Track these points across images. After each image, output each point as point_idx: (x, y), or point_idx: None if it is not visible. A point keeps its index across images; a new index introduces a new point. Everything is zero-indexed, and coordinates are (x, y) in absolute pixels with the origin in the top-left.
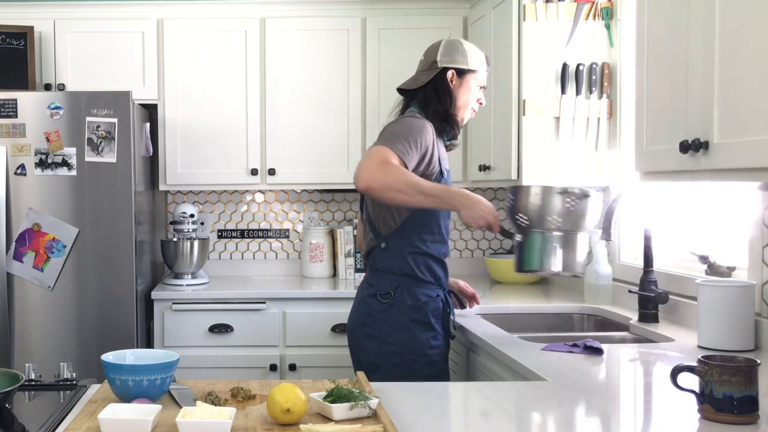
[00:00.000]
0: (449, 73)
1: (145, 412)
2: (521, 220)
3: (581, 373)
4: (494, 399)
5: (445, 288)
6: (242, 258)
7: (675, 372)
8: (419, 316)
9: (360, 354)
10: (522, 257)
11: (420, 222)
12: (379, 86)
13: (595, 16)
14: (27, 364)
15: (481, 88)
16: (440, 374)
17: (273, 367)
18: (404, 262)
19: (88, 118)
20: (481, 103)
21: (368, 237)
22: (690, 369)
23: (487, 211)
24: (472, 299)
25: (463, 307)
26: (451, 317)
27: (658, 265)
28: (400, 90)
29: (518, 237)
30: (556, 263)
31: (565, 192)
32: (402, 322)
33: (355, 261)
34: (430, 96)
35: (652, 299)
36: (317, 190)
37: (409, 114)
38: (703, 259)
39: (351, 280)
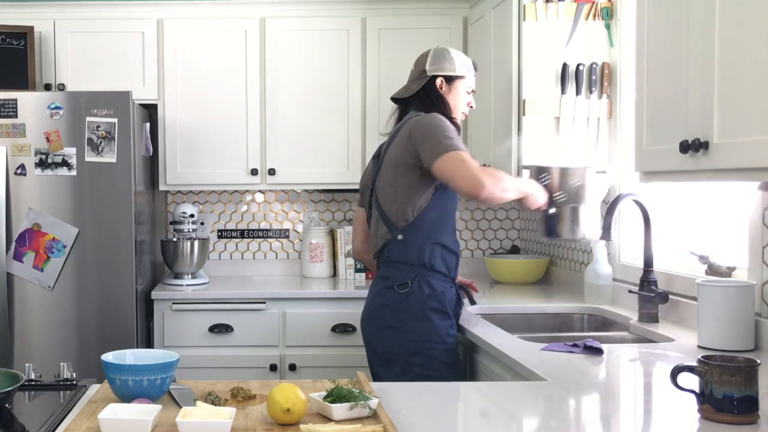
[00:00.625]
0: (438, 81)
1: (145, 412)
2: (559, 196)
3: (581, 373)
4: (494, 399)
5: (455, 281)
6: (242, 258)
7: (675, 372)
8: (437, 305)
9: (377, 345)
10: (554, 226)
11: (436, 214)
12: (379, 86)
13: (595, 16)
14: (27, 364)
15: (471, 92)
16: (456, 363)
17: (273, 367)
18: (421, 252)
19: (88, 118)
20: (471, 107)
21: (381, 231)
22: (690, 369)
23: (543, 194)
24: (470, 287)
25: (472, 302)
26: (462, 310)
27: (658, 265)
28: (394, 99)
29: (552, 210)
30: (584, 231)
31: (595, 173)
32: (421, 311)
33: (355, 261)
34: (426, 103)
35: (652, 299)
36: (317, 190)
37: (428, 115)
38: (703, 259)
39: (351, 280)
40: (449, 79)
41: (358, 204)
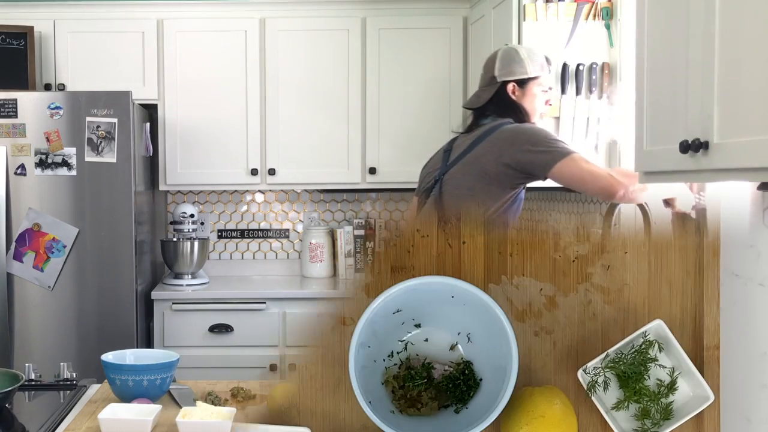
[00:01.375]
0: (510, 87)
1: (145, 412)
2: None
3: None
4: None
5: None
6: (242, 258)
7: None
8: None
9: None
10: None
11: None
12: (379, 86)
13: (595, 16)
14: (27, 364)
15: (548, 89)
16: None
17: (273, 367)
18: None
19: (88, 118)
20: (549, 104)
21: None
22: None
23: (690, 194)
24: None
25: None
26: None
27: None
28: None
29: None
30: None
31: None
32: None
33: (355, 261)
34: (502, 109)
35: None
36: (317, 190)
37: (523, 125)
38: None
39: (351, 280)
40: (521, 83)
41: (416, 194)
